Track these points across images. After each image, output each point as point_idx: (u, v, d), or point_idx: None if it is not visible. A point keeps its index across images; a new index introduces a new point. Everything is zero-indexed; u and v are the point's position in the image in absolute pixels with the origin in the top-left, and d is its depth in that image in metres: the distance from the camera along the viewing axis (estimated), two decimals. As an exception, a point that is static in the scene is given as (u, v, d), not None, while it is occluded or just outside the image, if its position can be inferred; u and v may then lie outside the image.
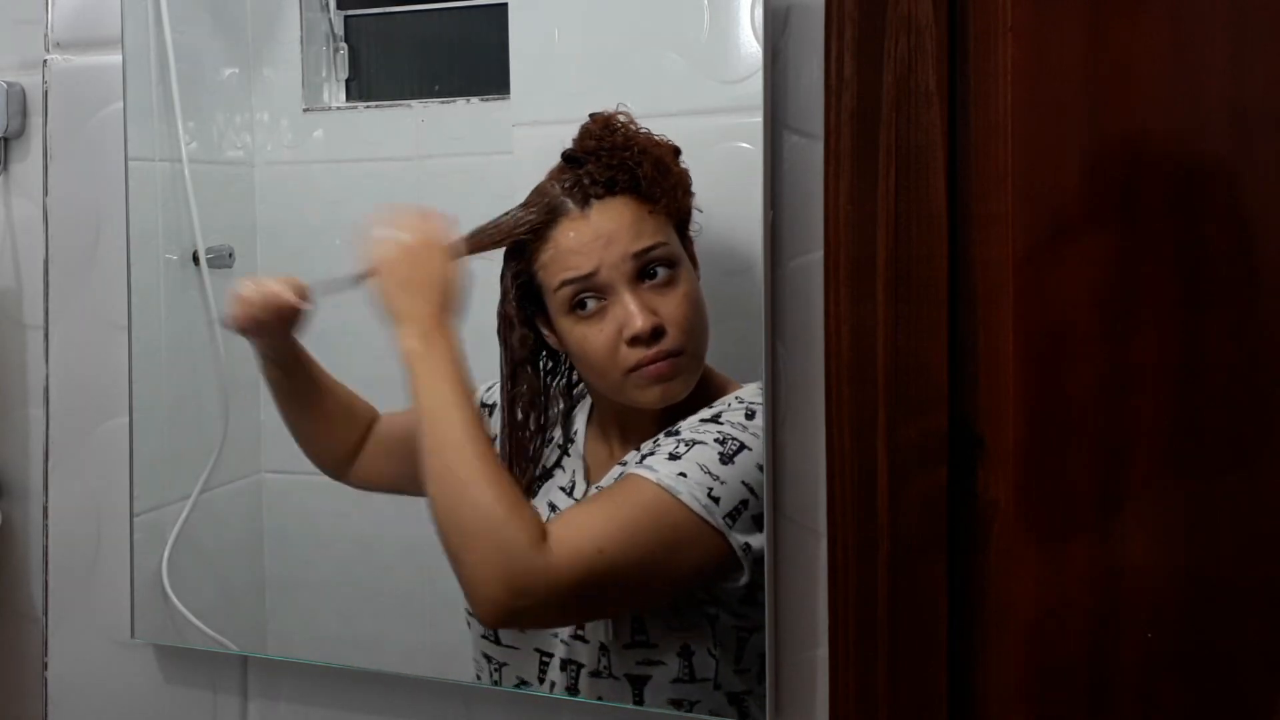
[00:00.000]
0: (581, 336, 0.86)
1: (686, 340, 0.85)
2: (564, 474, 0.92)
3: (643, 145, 0.86)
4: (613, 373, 0.86)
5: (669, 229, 0.86)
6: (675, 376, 0.85)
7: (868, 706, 0.76)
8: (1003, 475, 0.73)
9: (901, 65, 0.73)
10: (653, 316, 0.84)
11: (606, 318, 0.85)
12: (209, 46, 1.05)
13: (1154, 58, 0.69)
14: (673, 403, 0.86)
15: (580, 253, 0.86)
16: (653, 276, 0.85)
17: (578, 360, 0.89)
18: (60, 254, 1.07)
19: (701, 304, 0.86)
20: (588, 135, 0.88)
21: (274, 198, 1.02)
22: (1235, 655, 0.70)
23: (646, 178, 0.85)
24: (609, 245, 0.85)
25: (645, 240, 0.85)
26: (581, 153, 0.87)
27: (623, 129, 0.87)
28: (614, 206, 0.86)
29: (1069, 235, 0.72)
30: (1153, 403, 0.70)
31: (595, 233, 0.86)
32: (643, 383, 0.85)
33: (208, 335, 1.03)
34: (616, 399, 0.88)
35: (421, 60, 1.00)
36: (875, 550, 0.75)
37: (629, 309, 0.84)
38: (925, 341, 0.74)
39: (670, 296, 0.85)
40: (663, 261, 0.85)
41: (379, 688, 0.98)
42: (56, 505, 1.08)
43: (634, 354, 0.84)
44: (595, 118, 0.88)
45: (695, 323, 0.86)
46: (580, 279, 0.86)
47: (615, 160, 0.86)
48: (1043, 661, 0.73)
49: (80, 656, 1.08)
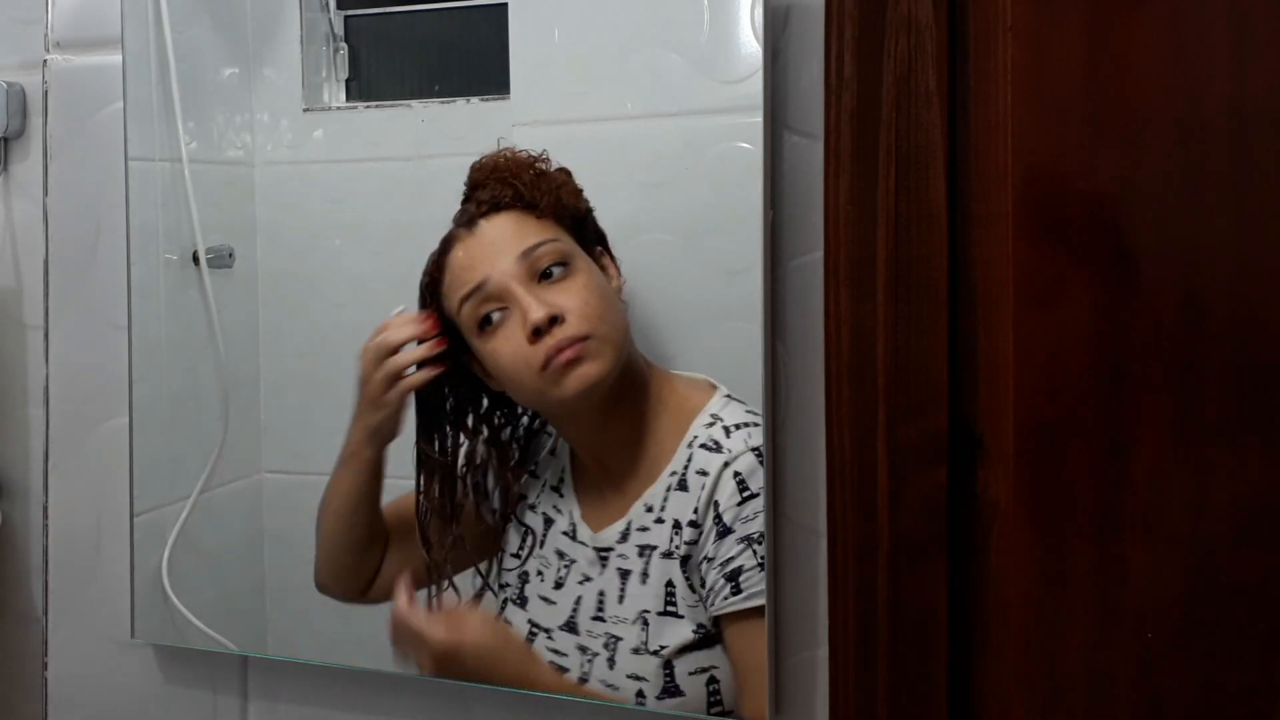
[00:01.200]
0: (494, 350, 0.87)
1: (590, 325, 0.85)
2: (562, 518, 0.92)
3: (519, 161, 0.89)
4: (529, 377, 0.86)
5: (558, 229, 0.88)
6: (585, 360, 0.85)
7: (868, 706, 0.76)
8: (1003, 475, 0.73)
9: (901, 65, 0.73)
10: (548, 306, 0.85)
11: (510, 324, 0.86)
12: (209, 46, 1.05)
13: (1154, 58, 0.69)
14: (595, 390, 0.85)
15: (470, 268, 0.88)
16: (549, 276, 0.86)
17: (498, 377, 0.89)
18: (60, 254, 1.07)
19: (609, 295, 0.87)
20: (475, 170, 0.91)
21: (274, 198, 1.02)
22: (1235, 655, 0.70)
23: (526, 184, 0.88)
24: (496, 252, 0.87)
25: (530, 239, 0.87)
26: (470, 189, 0.91)
27: (504, 155, 0.90)
28: (499, 220, 0.89)
29: (1069, 235, 0.72)
30: (1153, 402, 0.70)
31: (482, 245, 0.88)
32: (557, 375, 0.85)
33: (208, 335, 1.03)
34: (545, 405, 0.89)
35: (421, 60, 0.99)
36: (875, 550, 0.75)
37: (524, 304, 0.85)
38: (925, 341, 0.74)
39: (568, 288, 0.86)
40: (555, 259, 0.87)
41: (379, 688, 0.98)
42: (56, 505, 1.08)
43: (540, 349, 0.85)
44: (481, 160, 0.91)
45: (599, 308, 0.86)
46: (474, 289, 0.87)
47: (496, 181, 0.89)
48: (1043, 661, 0.73)
49: (80, 656, 1.08)
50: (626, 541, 0.88)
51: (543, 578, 0.92)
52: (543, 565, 0.92)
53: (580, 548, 0.90)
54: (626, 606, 0.87)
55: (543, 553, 0.92)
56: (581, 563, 0.90)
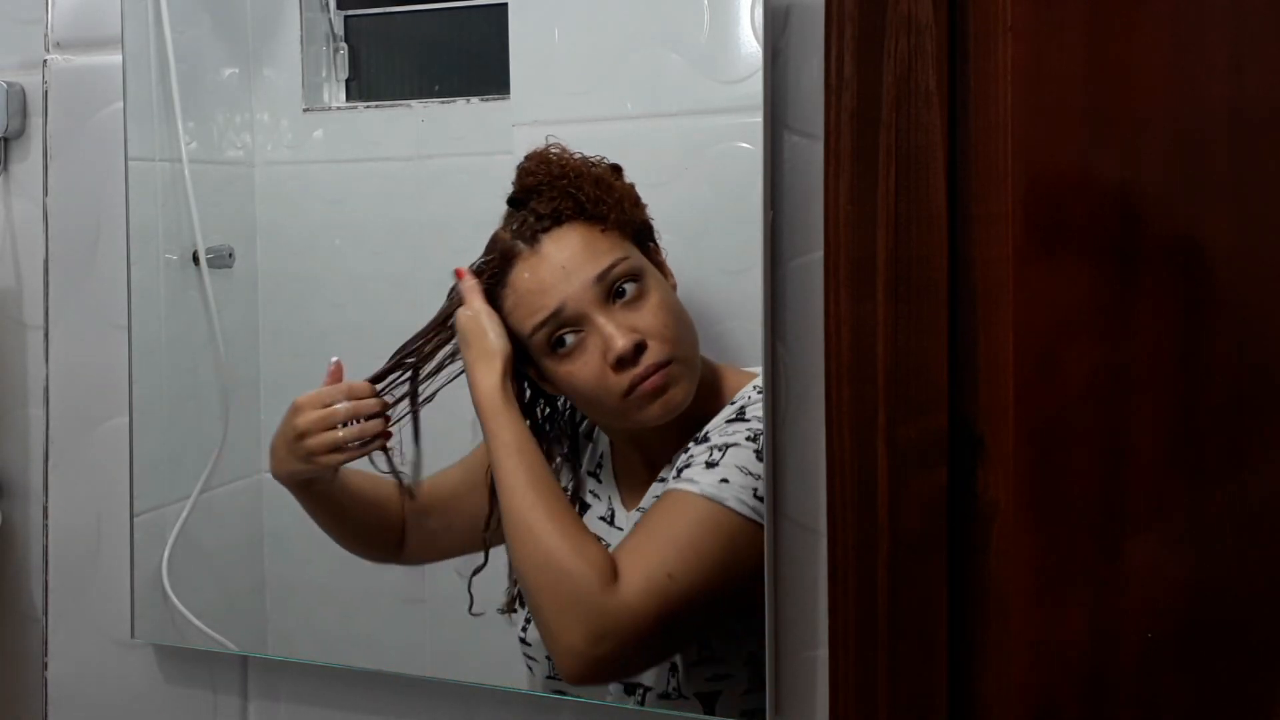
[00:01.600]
0: (568, 374, 0.85)
1: (672, 348, 0.84)
2: (600, 503, 0.91)
3: (577, 168, 0.86)
4: (608, 400, 0.85)
5: (626, 243, 0.85)
6: (671, 386, 0.84)
7: (868, 706, 0.76)
8: (1003, 475, 0.73)
9: (901, 65, 0.73)
10: (632, 334, 0.83)
11: (588, 349, 0.84)
12: (209, 46, 1.05)
13: (1154, 58, 0.69)
14: (677, 413, 0.84)
15: (541, 292, 0.85)
16: (622, 295, 0.84)
17: (572, 397, 0.88)
18: (60, 254, 1.07)
19: (679, 308, 0.86)
20: (526, 174, 0.88)
21: (274, 198, 1.02)
22: (1235, 656, 0.70)
23: (590, 199, 0.85)
24: (569, 276, 0.84)
25: (604, 260, 0.84)
26: (523, 192, 0.87)
27: (558, 159, 0.87)
28: (563, 236, 0.85)
29: (1069, 235, 0.72)
30: (1153, 402, 0.70)
31: (551, 267, 0.85)
32: (641, 402, 0.84)
33: (208, 335, 1.03)
34: (622, 425, 0.87)
35: (421, 60, 0.99)
36: (875, 550, 0.75)
37: (606, 332, 0.83)
38: (925, 341, 0.74)
39: (644, 309, 0.84)
40: (628, 277, 0.84)
41: (379, 688, 0.98)
42: (56, 505, 1.08)
43: (624, 377, 0.83)
44: (530, 156, 0.88)
45: (677, 329, 0.85)
46: (550, 318, 0.85)
47: (555, 191, 0.85)
48: (1042, 661, 0.73)
49: (80, 656, 1.08)
50: (647, 500, 0.88)
51: None
52: None
53: (617, 533, 0.90)
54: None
55: None
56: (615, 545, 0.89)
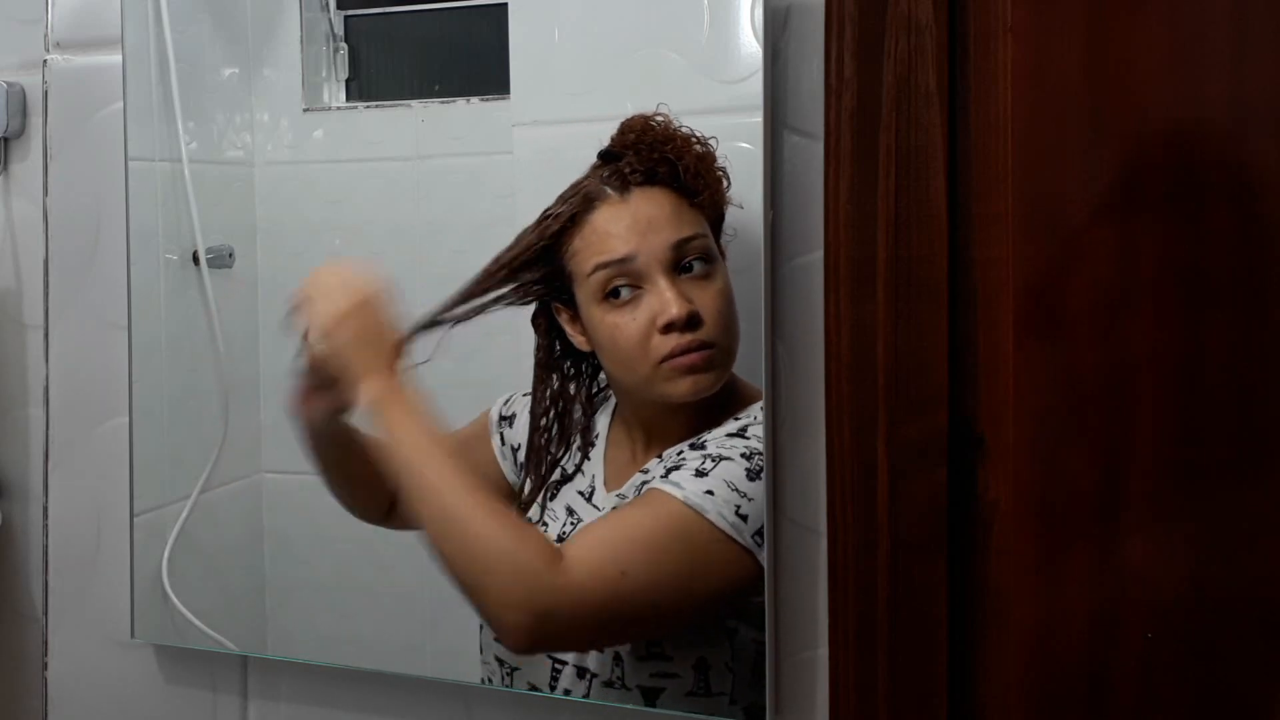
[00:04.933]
0: (613, 325, 0.85)
1: (720, 334, 0.84)
2: (583, 478, 0.91)
3: (684, 139, 0.85)
4: (643, 365, 0.84)
5: (705, 224, 0.85)
6: (708, 369, 0.84)
7: (868, 706, 0.76)
8: (1003, 475, 0.73)
9: (901, 65, 0.73)
10: (689, 304, 0.83)
11: (641, 306, 0.84)
12: (209, 46, 1.05)
13: (1154, 58, 0.69)
14: (702, 397, 0.84)
15: (619, 236, 0.85)
16: (689, 270, 0.84)
17: (606, 353, 0.87)
18: (60, 254, 1.07)
19: (734, 303, 0.86)
20: (627, 130, 0.87)
21: (274, 198, 1.02)
22: (1235, 656, 0.70)
23: (689, 170, 0.84)
24: (649, 232, 0.84)
25: (687, 230, 0.84)
26: (620, 148, 0.87)
27: (663, 125, 0.86)
28: (655, 195, 0.85)
29: (1069, 235, 0.72)
30: (1153, 402, 0.70)
31: (634, 217, 0.85)
32: (674, 374, 0.83)
33: (208, 335, 1.03)
34: (645, 393, 0.86)
35: (421, 60, 0.99)
36: (875, 550, 0.75)
37: (665, 296, 0.83)
38: (925, 341, 0.74)
39: (707, 289, 0.84)
40: (701, 254, 0.84)
41: (379, 688, 0.98)
42: (56, 505, 1.08)
43: (667, 342, 0.83)
44: (633, 118, 0.87)
45: (730, 318, 0.85)
46: (616, 262, 0.84)
47: (656, 154, 0.85)
48: (1042, 661, 0.73)
49: (80, 656, 1.08)
50: (628, 488, 0.88)
51: (546, 529, 0.91)
52: (550, 517, 0.91)
53: (593, 510, 0.89)
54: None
55: (552, 505, 0.91)
56: (588, 522, 0.89)
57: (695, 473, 0.82)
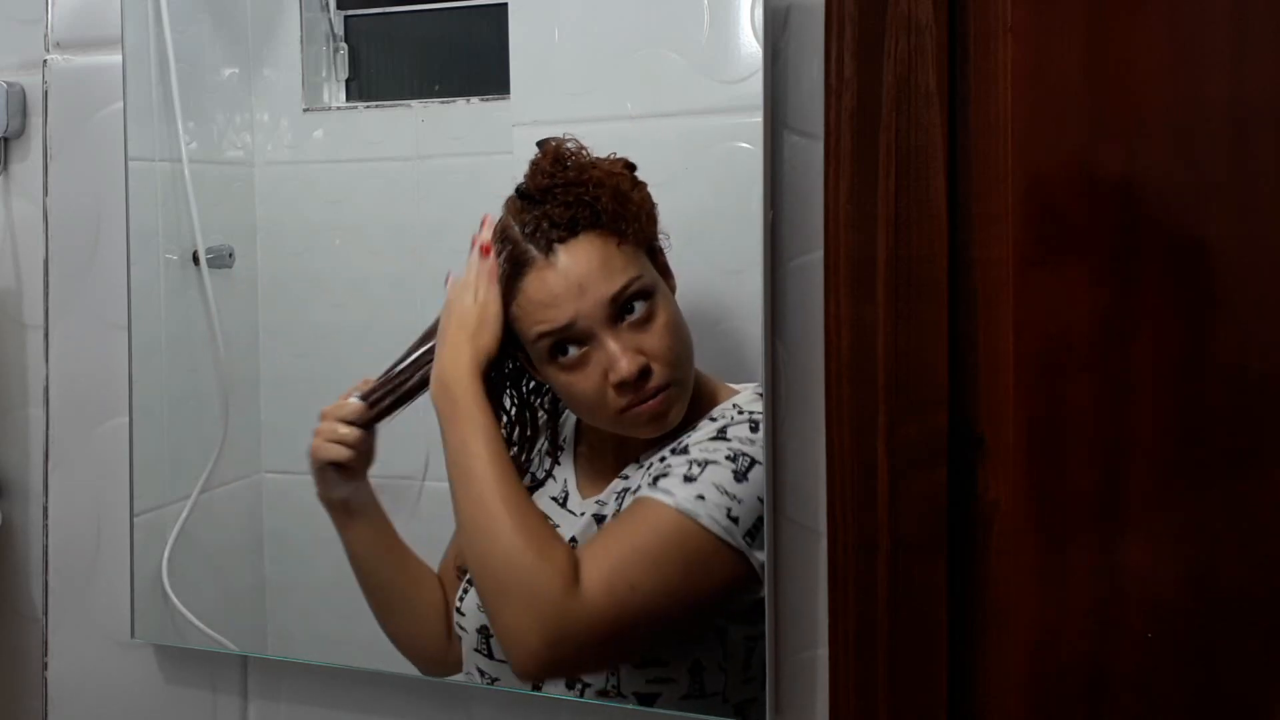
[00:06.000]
0: (567, 383, 0.85)
1: (673, 371, 0.84)
2: (555, 484, 0.91)
3: (598, 178, 0.84)
4: (603, 414, 0.85)
5: (640, 256, 0.84)
6: (669, 409, 0.84)
7: (868, 706, 0.76)
8: (1003, 475, 0.73)
9: (901, 65, 0.73)
10: (638, 357, 0.82)
11: (590, 363, 0.83)
12: (209, 46, 1.05)
13: (1154, 58, 0.69)
14: (669, 429, 0.85)
15: (552, 305, 0.83)
16: (631, 312, 0.83)
17: (566, 402, 0.88)
18: (60, 254, 1.07)
19: (683, 327, 0.85)
20: (539, 172, 0.86)
21: (274, 198, 1.02)
22: (1235, 656, 0.70)
23: (607, 211, 0.83)
24: (583, 293, 0.83)
25: (619, 280, 0.83)
26: (536, 190, 0.85)
27: (574, 160, 0.85)
28: (580, 248, 0.83)
29: (1069, 235, 0.72)
30: (1153, 402, 0.70)
31: (566, 281, 0.83)
32: (636, 420, 0.84)
33: (208, 335, 1.03)
34: (611, 431, 0.87)
35: (421, 60, 0.99)
36: (875, 550, 0.75)
37: (611, 353, 0.82)
38: (925, 341, 0.74)
39: (651, 331, 0.83)
40: (640, 295, 0.83)
41: (379, 688, 0.98)
42: (56, 505, 1.08)
43: (622, 398, 0.83)
44: (544, 149, 0.86)
45: (679, 351, 0.84)
46: (557, 330, 0.84)
47: (571, 197, 0.84)
48: (1043, 661, 0.73)
49: (80, 656, 1.08)
50: (607, 491, 0.88)
51: None
52: None
53: (568, 515, 0.89)
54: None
55: None
56: (564, 528, 0.88)
57: (684, 479, 0.81)
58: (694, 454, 0.83)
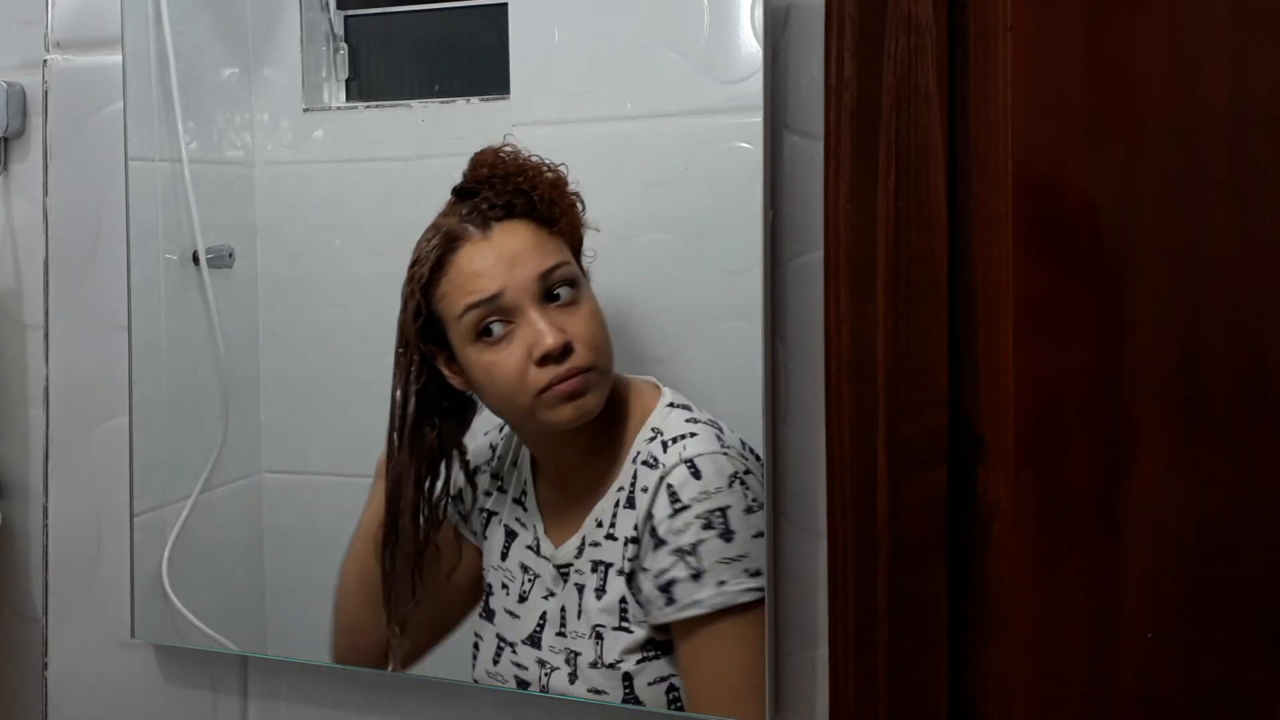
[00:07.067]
0: (489, 363, 0.86)
1: (595, 356, 0.85)
2: (526, 532, 0.92)
3: (535, 169, 0.87)
4: (522, 397, 0.85)
5: (567, 250, 0.87)
6: (588, 392, 0.84)
7: (868, 706, 0.76)
8: (1003, 475, 0.73)
9: (901, 65, 0.73)
10: (562, 334, 0.84)
11: (515, 340, 0.85)
12: (209, 46, 1.04)
13: (1154, 58, 0.69)
14: (587, 419, 0.85)
15: (484, 275, 0.86)
16: (556, 299, 0.85)
17: (485, 391, 0.88)
18: (60, 254, 1.07)
19: (604, 322, 0.87)
20: (479, 165, 0.89)
21: (274, 198, 1.02)
22: (1235, 655, 0.70)
23: (543, 199, 0.86)
24: (515, 266, 0.85)
25: (550, 259, 0.86)
26: (474, 183, 0.88)
27: (512, 158, 0.88)
28: (515, 229, 0.87)
29: (1069, 235, 0.72)
30: (1153, 402, 0.70)
31: (499, 253, 0.86)
32: (555, 402, 0.84)
33: (208, 335, 1.03)
34: (530, 425, 0.88)
35: (421, 60, 0.99)
36: (875, 550, 0.75)
37: (538, 328, 0.84)
38: (925, 341, 0.74)
39: (576, 315, 0.85)
40: (567, 281, 0.86)
41: (379, 688, 0.98)
42: (56, 505, 1.08)
43: (544, 374, 0.84)
44: (483, 151, 0.89)
45: (603, 340, 0.86)
46: (485, 301, 0.85)
47: (510, 186, 0.87)
48: (1042, 661, 0.73)
49: (80, 656, 1.08)
50: (581, 556, 0.88)
51: (508, 591, 0.92)
52: (507, 578, 0.92)
53: (543, 563, 0.90)
54: (583, 621, 0.87)
55: (506, 565, 0.92)
56: (545, 578, 0.90)
57: (691, 577, 0.83)
58: (670, 539, 0.84)
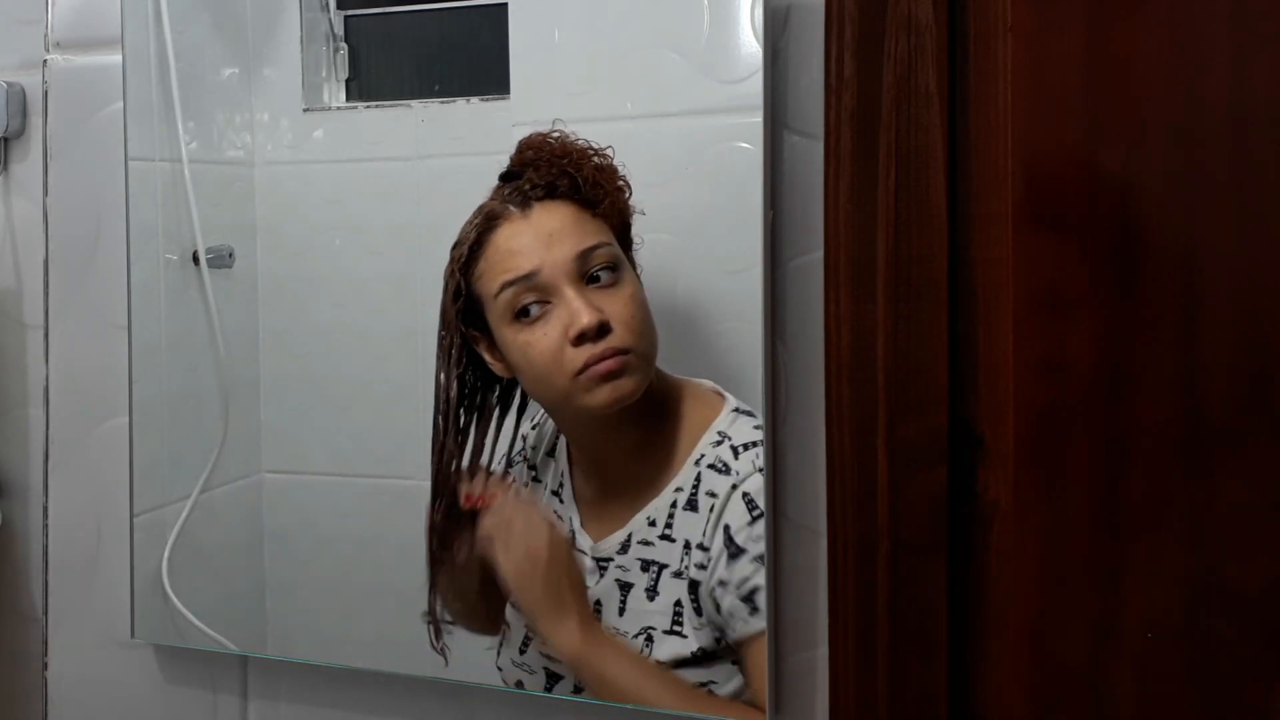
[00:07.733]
0: (525, 344, 0.85)
1: (634, 339, 0.84)
2: (562, 525, 0.91)
3: (581, 152, 0.86)
4: (559, 378, 0.84)
5: (609, 232, 0.86)
6: (624, 374, 0.83)
7: (868, 706, 0.76)
8: (1003, 475, 0.73)
9: (901, 65, 0.73)
10: (599, 313, 0.83)
11: (551, 320, 0.84)
12: (209, 46, 1.04)
13: (1154, 58, 0.69)
14: (624, 404, 0.84)
15: (521, 253, 0.85)
16: (596, 280, 0.84)
17: (523, 373, 0.87)
18: (60, 254, 1.07)
19: (648, 307, 0.86)
20: (525, 149, 0.88)
21: (274, 198, 1.02)
22: (1235, 655, 0.70)
23: (587, 181, 0.85)
24: (552, 244, 0.84)
25: (590, 240, 0.85)
26: (519, 166, 0.88)
27: (559, 140, 0.87)
28: (556, 209, 0.86)
29: (1069, 235, 0.72)
30: (1153, 402, 0.70)
31: (537, 232, 0.85)
32: (591, 384, 0.83)
33: (208, 335, 1.03)
34: (567, 409, 0.86)
35: (421, 60, 0.99)
36: (875, 550, 0.75)
37: (574, 307, 0.83)
38: (925, 341, 0.74)
39: (616, 297, 0.84)
40: (607, 263, 0.84)
41: (379, 688, 0.98)
42: (56, 505, 1.08)
43: (581, 354, 0.83)
44: (530, 136, 0.88)
45: (643, 323, 0.85)
46: (521, 279, 0.84)
47: (555, 168, 0.86)
48: (1042, 661, 0.73)
49: (80, 656, 1.08)
50: (626, 553, 0.87)
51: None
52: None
53: (579, 555, 0.89)
54: (627, 620, 0.86)
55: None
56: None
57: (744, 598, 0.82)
58: (754, 549, 0.82)
